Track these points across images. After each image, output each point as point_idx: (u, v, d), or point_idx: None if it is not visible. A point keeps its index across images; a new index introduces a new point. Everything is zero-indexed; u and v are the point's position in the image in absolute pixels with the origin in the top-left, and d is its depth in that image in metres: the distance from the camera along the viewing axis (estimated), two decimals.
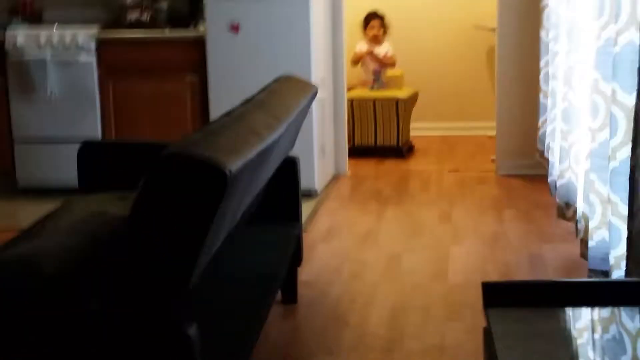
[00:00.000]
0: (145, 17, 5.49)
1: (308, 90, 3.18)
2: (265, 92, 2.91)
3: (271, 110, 2.59)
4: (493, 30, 5.94)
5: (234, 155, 1.97)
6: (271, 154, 2.47)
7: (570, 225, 4.08)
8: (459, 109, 7.19)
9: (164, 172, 1.87)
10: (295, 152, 3.39)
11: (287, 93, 2.96)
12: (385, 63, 6.72)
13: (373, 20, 6.82)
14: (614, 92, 2.86)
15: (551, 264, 3.96)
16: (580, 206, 3.77)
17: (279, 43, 5.08)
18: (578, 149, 3.95)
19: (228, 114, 2.44)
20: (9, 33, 5.33)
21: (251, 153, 2.10)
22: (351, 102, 6.29)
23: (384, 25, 6.84)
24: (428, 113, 7.10)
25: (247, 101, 2.71)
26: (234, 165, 1.93)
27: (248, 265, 2.96)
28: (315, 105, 5.01)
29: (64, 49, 5.28)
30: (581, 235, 3.64)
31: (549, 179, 4.72)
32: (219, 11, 5.10)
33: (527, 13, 5.51)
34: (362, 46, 6.80)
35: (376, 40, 6.80)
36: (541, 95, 5.09)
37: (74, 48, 5.27)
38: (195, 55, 5.21)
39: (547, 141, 4.94)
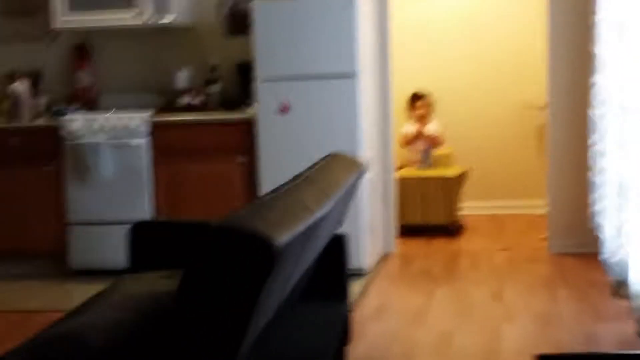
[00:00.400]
0: (198, 100, 5.57)
1: (356, 167, 3.15)
2: (314, 168, 2.88)
3: (320, 186, 2.55)
4: (542, 108, 5.91)
5: (282, 228, 1.94)
6: (320, 229, 2.44)
7: (626, 303, 3.96)
8: (509, 187, 7.13)
9: (210, 245, 1.85)
10: (344, 230, 3.36)
11: (336, 169, 2.93)
12: (433, 142, 6.73)
13: (418, 100, 6.89)
14: None
15: (606, 342, 3.84)
16: (635, 284, 3.66)
17: (328, 123, 5.12)
18: (631, 226, 3.86)
19: (277, 189, 2.42)
20: (66, 119, 5.45)
21: (300, 227, 2.07)
22: (400, 181, 6.26)
23: (429, 105, 6.89)
24: (477, 191, 7.06)
25: (296, 177, 2.68)
26: (282, 238, 1.90)
27: (296, 343, 2.90)
28: (363, 184, 5.02)
29: (117, 133, 5.37)
30: (637, 313, 3.52)
31: (602, 257, 4.61)
32: (269, 93, 5.17)
33: (576, 91, 5.50)
34: (409, 127, 6.83)
35: (422, 119, 6.84)
36: (591, 173, 5.03)
37: (128, 131, 5.36)
38: (246, 136, 5.27)
39: (599, 218, 4.85)
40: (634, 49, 3.87)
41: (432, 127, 6.81)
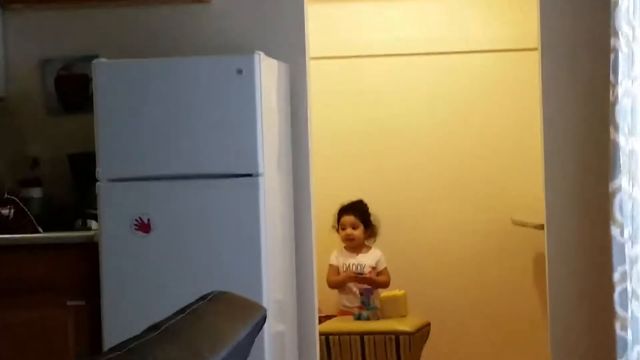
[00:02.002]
0: (9, 211, 5.49)
1: (252, 314, 3.12)
2: (184, 314, 2.84)
3: (189, 343, 2.54)
4: (539, 227, 5.97)
5: None
6: None
7: None
8: (496, 347, 7.16)
9: None
10: None
11: (218, 317, 2.91)
12: (372, 281, 6.74)
13: (346, 217, 6.89)
14: None
15: None
16: None
17: (211, 247, 5.10)
18: None
19: (121, 346, 2.39)
20: None
21: None
22: (326, 337, 6.32)
23: (366, 223, 6.91)
24: (446, 355, 7.04)
25: (154, 327, 2.64)
26: None
27: None
28: (268, 340, 5.02)
29: None
30: None
31: None
32: (120, 202, 5.17)
33: (587, 203, 5.63)
34: (337, 258, 6.87)
35: (355, 245, 6.88)
36: (617, 325, 5.02)
37: None
38: (83, 266, 5.25)
39: None
40: None
41: (370, 257, 6.85)
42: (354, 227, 6.89)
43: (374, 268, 6.79)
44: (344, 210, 6.94)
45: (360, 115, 7.34)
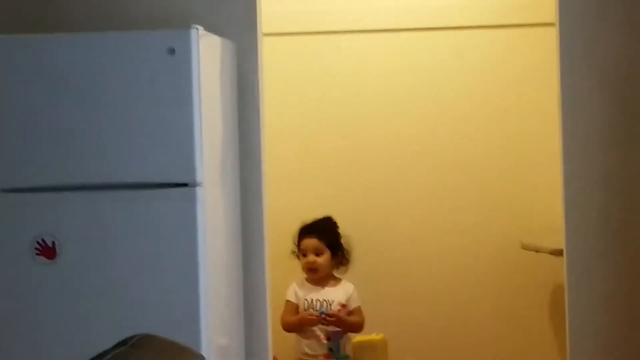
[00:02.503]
0: None
1: None
2: None
3: None
4: (556, 252, 5.99)
5: None
6: None
7: None
8: None
9: None
10: None
11: None
12: (344, 324, 6.63)
13: (307, 239, 6.81)
14: None
15: None
16: None
17: (137, 279, 5.04)
18: None
19: None
20: None
21: None
22: None
23: (334, 248, 6.85)
24: None
25: None
26: None
27: None
28: None
29: None
30: None
31: None
32: (17, 219, 5.11)
33: (616, 222, 5.63)
34: (296, 292, 6.84)
35: (317, 277, 6.82)
36: None
37: None
38: None
39: None
40: None
41: (340, 292, 6.84)
42: (318, 253, 6.80)
43: (344, 306, 6.70)
44: (305, 230, 6.87)
45: (328, 108, 7.33)
